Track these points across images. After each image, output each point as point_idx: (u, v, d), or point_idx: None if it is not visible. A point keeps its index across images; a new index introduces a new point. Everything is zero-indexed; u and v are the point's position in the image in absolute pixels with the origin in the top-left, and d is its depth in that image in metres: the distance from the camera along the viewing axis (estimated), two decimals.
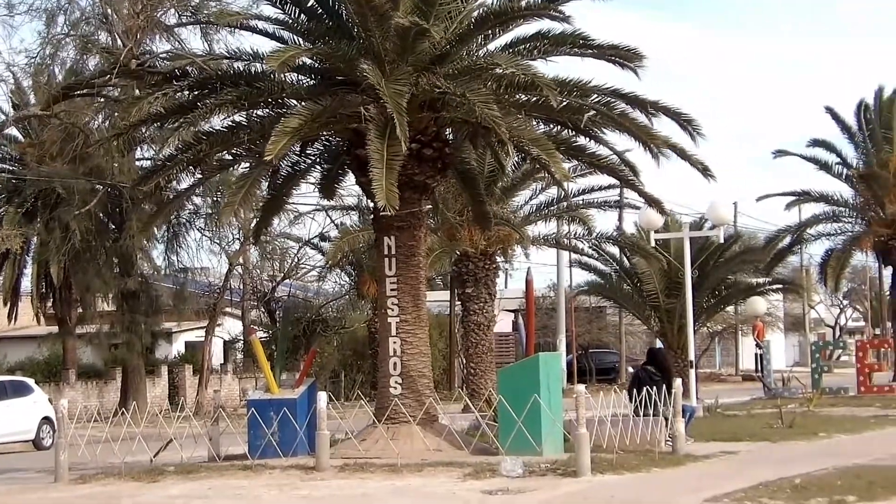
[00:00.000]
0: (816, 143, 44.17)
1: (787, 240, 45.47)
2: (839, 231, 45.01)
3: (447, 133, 23.36)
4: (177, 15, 31.79)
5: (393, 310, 22.27)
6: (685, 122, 23.04)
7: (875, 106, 43.84)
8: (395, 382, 22.12)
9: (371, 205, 22.32)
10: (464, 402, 31.31)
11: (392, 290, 22.32)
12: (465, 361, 39.42)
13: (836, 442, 24.39)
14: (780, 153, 44.60)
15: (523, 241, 37.52)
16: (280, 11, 22.84)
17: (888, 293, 54.59)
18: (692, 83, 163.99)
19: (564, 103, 21.85)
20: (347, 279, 52.58)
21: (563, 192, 35.59)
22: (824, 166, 44.14)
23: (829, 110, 44.24)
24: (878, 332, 76.89)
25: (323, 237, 50.18)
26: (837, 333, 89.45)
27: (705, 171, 23.48)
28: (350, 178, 24.49)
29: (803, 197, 44.95)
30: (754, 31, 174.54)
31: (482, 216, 26.98)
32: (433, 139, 22.37)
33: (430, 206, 27.31)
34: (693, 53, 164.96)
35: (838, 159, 44.13)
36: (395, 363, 22.19)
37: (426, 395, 22.24)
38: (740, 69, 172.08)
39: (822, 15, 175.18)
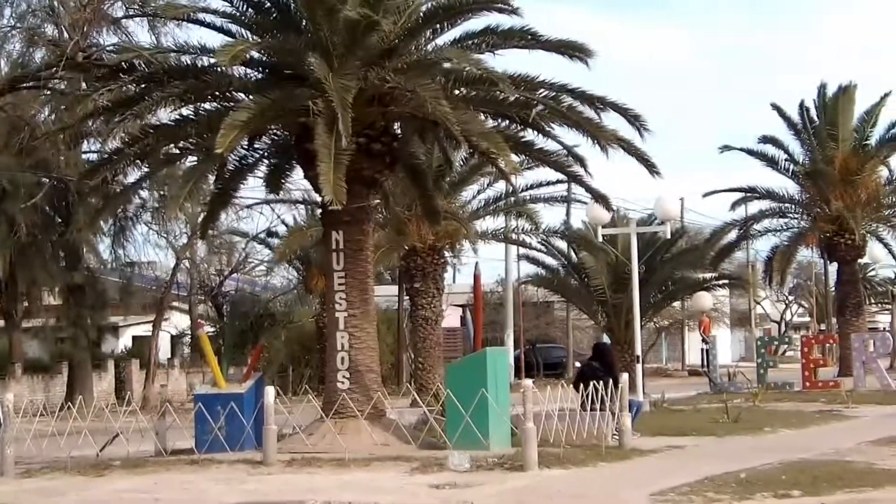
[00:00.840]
0: (765, 139, 44.46)
1: (734, 235, 45.78)
2: (785, 227, 45.38)
3: (396, 127, 23.36)
4: (124, 7, 31.53)
5: (341, 304, 22.26)
6: (632, 118, 23.12)
7: (819, 103, 44.15)
8: (343, 377, 22.12)
9: (319, 199, 22.29)
10: (412, 397, 31.27)
11: (340, 284, 22.29)
12: (412, 356, 39.44)
13: (781, 437, 24.55)
14: (725, 148, 44.80)
15: (471, 235, 37.59)
16: (228, 4, 22.77)
17: (833, 289, 55.17)
18: (640, 79, 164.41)
19: (513, 98, 21.93)
20: (295, 274, 52.49)
21: (511, 187, 35.71)
22: (771, 162, 44.41)
23: (776, 107, 44.55)
24: (823, 327, 77.55)
25: (270, 233, 50.04)
26: (783, 329, 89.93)
27: (651, 167, 23.59)
28: (298, 173, 24.46)
29: (750, 194, 45.21)
30: (698, 24, 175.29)
31: (430, 211, 26.98)
32: (382, 133, 22.37)
33: (379, 201, 27.36)
34: (640, 48, 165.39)
35: (785, 155, 44.39)
36: (342, 358, 22.18)
37: (374, 390, 22.24)
38: (686, 63, 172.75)
39: (766, 9, 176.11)
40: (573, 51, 22.30)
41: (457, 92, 22.36)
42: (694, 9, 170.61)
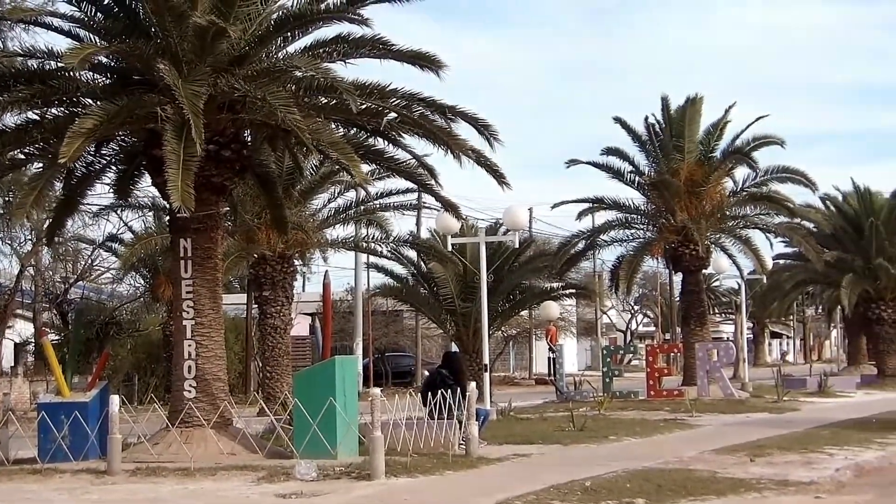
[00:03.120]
0: (609, 151, 44.80)
1: (581, 245, 46.13)
2: (631, 237, 45.70)
3: (246, 135, 23.25)
4: None
5: (188, 312, 22.09)
6: (482, 128, 23.29)
7: (663, 115, 44.68)
8: (190, 386, 21.96)
9: (167, 206, 22.07)
10: (259, 406, 31.16)
11: (188, 292, 22.13)
12: (261, 365, 39.11)
13: (626, 445, 24.85)
14: (572, 162, 45.05)
15: (321, 244, 37.50)
16: (76, 9, 22.42)
17: (678, 299, 55.94)
18: (492, 92, 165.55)
19: (364, 106, 21.98)
20: (142, 282, 51.85)
21: (361, 196, 35.70)
22: (617, 174, 44.79)
23: (619, 120, 44.93)
24: (668, 336, 78.77)
25: (116, 238, 49.31)
26: (628, 338, 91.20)
27: (501, 177, 23.78)
28: (147, 179, 24.18)
29: (597, 204, 45.54)
30: (550, 41, 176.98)
31: (280, 219, 26.89)
32: (231, 141, 22.24)
33: (228, 209, 27.19)
34: (492, 63, 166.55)
35: (631, 167, 44.83)
36: (189, 366, 22.02)
37: (221, 399, 22.10)
38: (535, 78, 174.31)
39: (617, 25, 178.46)
40: (424, 61, 22.42)
41: (308, 100, 22.34)
42: (542, 23, 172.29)
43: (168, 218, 23.60)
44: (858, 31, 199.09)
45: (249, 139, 23.53)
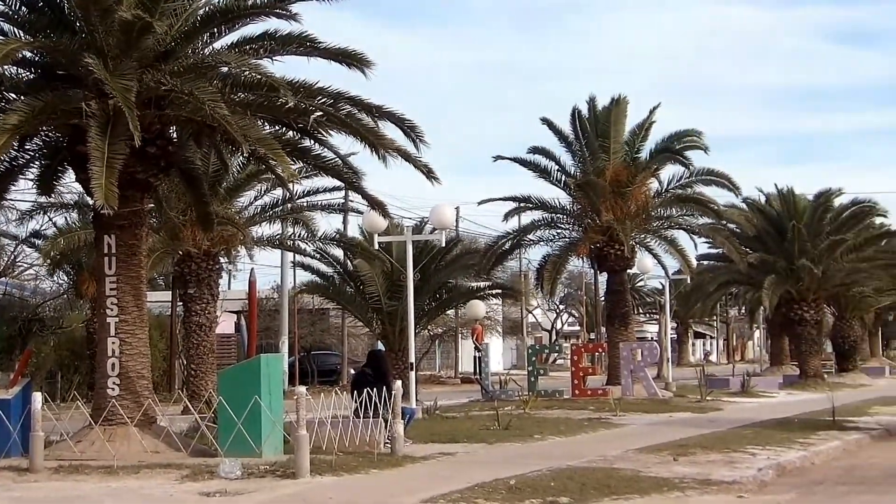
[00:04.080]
0: (535, 150, 44.91)
1: (507, 245, 46.24)
2: (557, 237, 45.84)
3: (172, 131, 23.11)
4: None
5: (112, 310, 21.94)
6: (409, 129, 23.35)
7: (590, 115, 44.83)
8: (113, 383, 21.82)
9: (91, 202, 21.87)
10: (183, 404, 30.94)
11: (112, 289, 21.98)
12: (185, 363, 38.88)
13: (551, 444, 24.95)
14: (498, 158, 45.22)
15: (247, 241, 37.32)
16: (0, 3, 22.23)
17: (603, 298, 56.22)
18: (418, 91, 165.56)
19: (292, 104, 21.91)
20: (66, 278, 51.37)
21: (288, 194, 35.57)
22: (543, 173, 44.89)
23: (546, 120, 45.02)
24: (592, 336, 79.04)
25: (39, 235, 48.83)
26: (554, 337, 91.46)
27: (429, 173, 23.83)
28: (71, 175, 23.98)
29: (523, 204, 45.62)
30: (478, 40, 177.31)
31: (205, 216, 26.77)
32: (157, 137, 22.08)
33: (153, 205, 27.00)
34: (419, 62, 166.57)
35: (557, 167, 44.95)
36: (113, 364, 21.88)
37: (145, 397, 21.98)
38: (465, 79, 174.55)
39: (547, 28, 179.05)
40: (352, 60, 22.42)
41: (234, 97, 22.25)
42: (470, 23, 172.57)
43: (92, 214, 23.41)
44: (780, 35, 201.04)
45: (175, 136, 23.37)
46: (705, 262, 59.51)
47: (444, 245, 36.26)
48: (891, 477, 20.29)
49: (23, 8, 22.25)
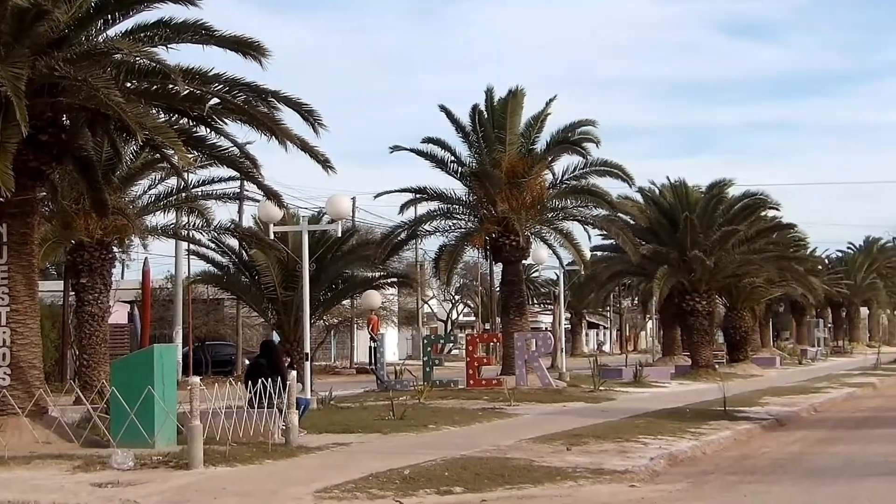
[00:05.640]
0: (432, 140, 44.95)
1: (403, 235, 46.23)
2: (453, 227, 45.89)
3: (65, 119, 22.85)
4: None
5: (3, 299, 21.70)
6: (307, 114, 23.28)
7: (487, 107, 44.94)
8: (4, 373, 21.59)
9: None
10: (76, 394, 30.67)
11: (3, 278, 21.73)
12: (78, 353, 38.48)
13: (445, 434, 25.03)
14: (395, 148, 45.19)
15: (141, 231, 37.01)
16: None
17: (498, 289, 56.41)
18: (314, 82, 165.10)
19: (187, 91, 21.76)
20: None
21: (183, 183, 35.35)
22: (440, 163, 44.94)
23: (444, 109, 45.06)
24: (488, 326, 79.29)
25: None
26: (449, 328, 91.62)
27: (326, 163, 23.80)
28: None
29: (420, 195, 45.66)
30: (373, 31, 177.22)
31: (100, 202, 26.48)
32: (49, 124, 21.86)
33: (45, 194, 26.68)
34: (313, 53, 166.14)
35: (453, 157, 45.03)
36: (3, 353, 21.65)
37: (36, 387, 21.76)
38: (359, 69, 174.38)
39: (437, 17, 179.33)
40: (248, 48, 22.30)
41: (129, 84, 22.05)
42: (364, 12, 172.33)
43: None
44: (671, 28, 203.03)
45: (68, 123, 23.11)
46: (599, 253, 59.90)
47: (340, 235, 36.24)
48: (780, 466, 20.60)
49: None
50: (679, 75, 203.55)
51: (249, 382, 22.76)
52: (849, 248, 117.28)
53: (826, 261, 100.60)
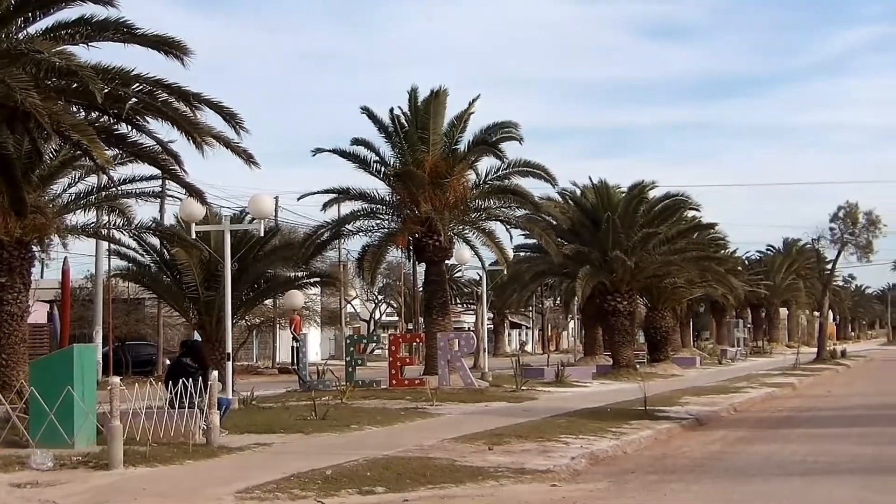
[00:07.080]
0: (357, 141, 44.92)
1: (327, 235, 46.17)
2: (377, 227, 45.90)
3: None
4: None
5: None
6: (228, 116, 23.27)
7: (410, 107, 44.97)
8: None
9: None
10: None
11: None
12: None
13: (368, 434, 25.02)
14: (317, 151, 45.10)
15: (60, 230, 36.66)
16: None
17: (421, 289, 56.46)
18: (237, 81, 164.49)
19: (107, 90, 21.65)
20: None
21: (103, 182, 35.07)
22: (363, 164, 44.94)
23: (366, 110, 45.04)
24: (410, 326, 79.32)
25: None
26: (372, 328, 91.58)
27: (249, 158, 23.80)
28: None
29: (343, 195, 45.63)
30: (297, 31, 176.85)
31: (19, 200, 26.29)
32: None
33: None
34: (236, 52, 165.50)
35: (376, 158, 45.04)
36: None
37: None
38: (282, 69, 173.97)
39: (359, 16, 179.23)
40: (169, 47, 22.25)
41: (50, 83, 21.91)
42: (288, 12, 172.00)
43: None
44: (591, 29, 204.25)
45: None
46: (522, 253, 60.15)
47: (262, 235, 36.15)
48: (699, 466, 20.79)
49: None
50: (597, 76, 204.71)
51: (170, 382, 22.65)
52: (768, 249, 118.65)
53: (746, 262, 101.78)
